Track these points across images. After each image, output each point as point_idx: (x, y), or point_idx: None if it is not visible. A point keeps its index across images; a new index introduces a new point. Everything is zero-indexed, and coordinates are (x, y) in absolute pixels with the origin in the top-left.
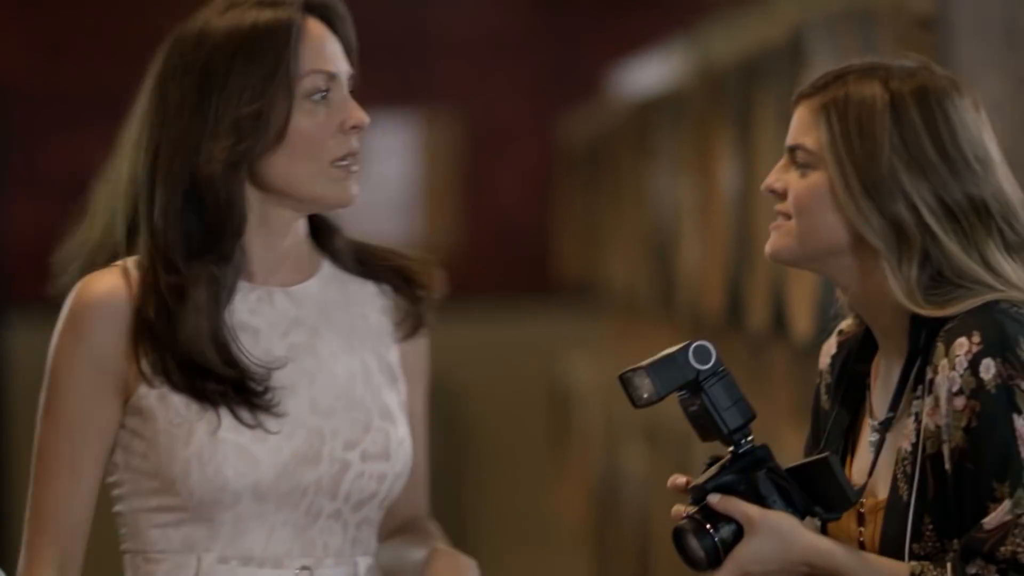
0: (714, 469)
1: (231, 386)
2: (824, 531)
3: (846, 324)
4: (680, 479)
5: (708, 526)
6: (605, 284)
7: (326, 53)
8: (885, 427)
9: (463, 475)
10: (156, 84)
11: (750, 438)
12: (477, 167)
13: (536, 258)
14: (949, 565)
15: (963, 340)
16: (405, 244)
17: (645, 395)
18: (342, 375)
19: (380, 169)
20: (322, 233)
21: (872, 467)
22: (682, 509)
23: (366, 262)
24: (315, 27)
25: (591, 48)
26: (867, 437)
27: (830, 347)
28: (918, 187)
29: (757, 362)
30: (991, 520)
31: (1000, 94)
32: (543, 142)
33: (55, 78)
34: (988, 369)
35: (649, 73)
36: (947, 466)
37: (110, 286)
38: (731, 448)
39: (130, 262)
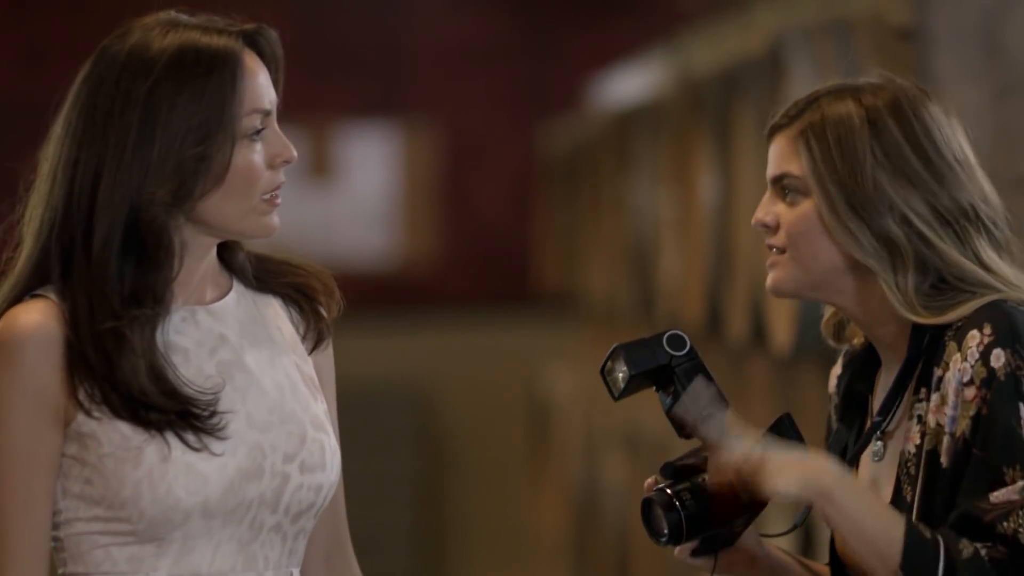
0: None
1: (175, 414)
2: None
3: (853, 344)
4: (652, 479)
5: (677, 502)
6: (585, 295)
7: (261, 89)
8: (875, 429)
9: (442, 486)
10: (91, 105)
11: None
12: (456, 178)
13: (515, 269)
14: (941, 538)
15: (975, 332)
16: (384, 255)
17: (620, 375)
18: (271, 389)
19: (359, 180)
20: (225, 249)
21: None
22: (653, 481)
23: (264, 279)
24: (251, 61)
25: (570, 58)
26: (870, 448)
27: (837, 369)
28: (907, 197)
29: (736, 373)
30: (999, 496)
31: (978, 103)
32: (522, 152)
33: (33, 88)
34: (999, 358)
35: (628, 83)
36: (943, 459)
37: (40, 318)
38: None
39: (53, 294)
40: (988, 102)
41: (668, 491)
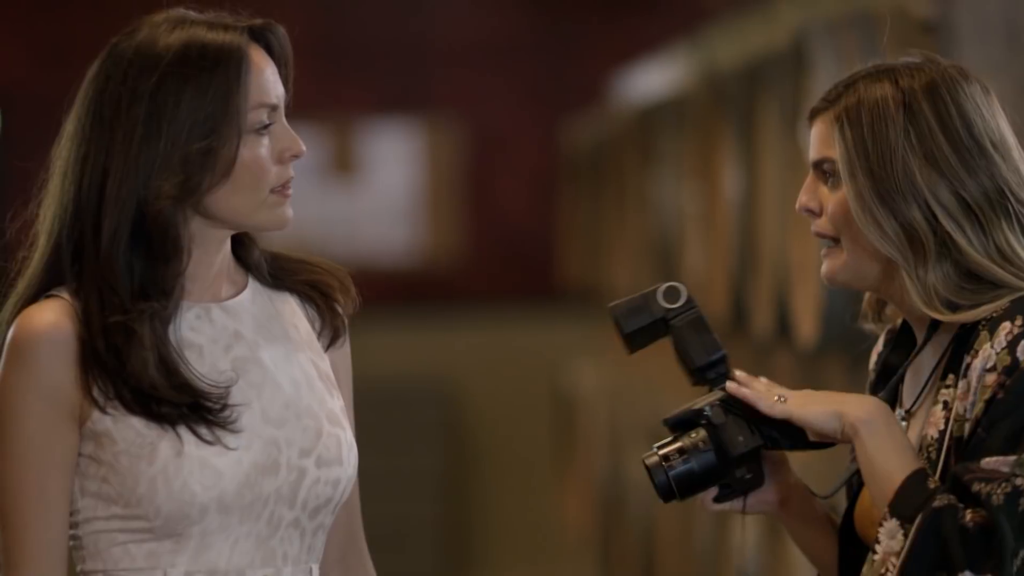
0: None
1: (186, 407)
2: (850, 512)
3: (895, 324)
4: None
5: (664, 463)
6: (608, 290)
7: (268, 84)
8: (909, 414)
9: (466, 482)
10: (99, 102)
11: (726, 375)
12: (480, 173)
13: (539, 264)
14: (942, 493)
15: (1007, 324)
16: (408, 252)
17: (626, 330)
18: (286, 384)
19: (383, 177)
20: (241, 246)
21: None
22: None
23: (279, 276)
24: (257, 56)
25: (593, 53)
26: None
27: (879, 347)
28: (934, 186)
29: (761, 368)
30: (991, 462)
31: (1002, 97)
32: (546, 148)
33: (57, 84)
34: None
35: (652, 78)
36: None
37: (54, 318)
38: (707, 386)
39: (66, 292)
40: (1011, 95)
41: (660, 452)
